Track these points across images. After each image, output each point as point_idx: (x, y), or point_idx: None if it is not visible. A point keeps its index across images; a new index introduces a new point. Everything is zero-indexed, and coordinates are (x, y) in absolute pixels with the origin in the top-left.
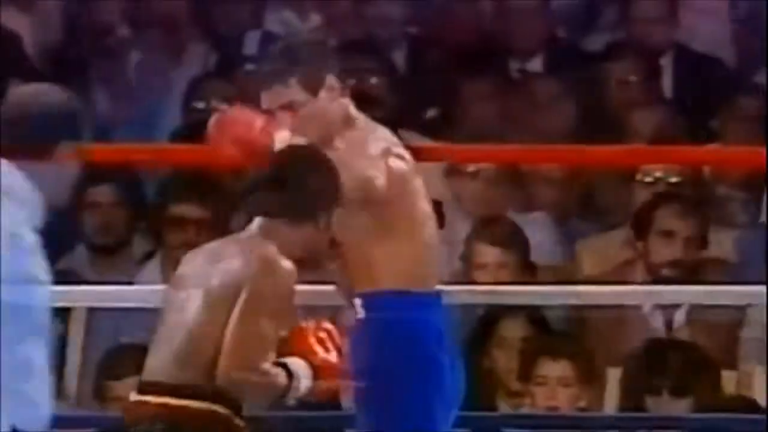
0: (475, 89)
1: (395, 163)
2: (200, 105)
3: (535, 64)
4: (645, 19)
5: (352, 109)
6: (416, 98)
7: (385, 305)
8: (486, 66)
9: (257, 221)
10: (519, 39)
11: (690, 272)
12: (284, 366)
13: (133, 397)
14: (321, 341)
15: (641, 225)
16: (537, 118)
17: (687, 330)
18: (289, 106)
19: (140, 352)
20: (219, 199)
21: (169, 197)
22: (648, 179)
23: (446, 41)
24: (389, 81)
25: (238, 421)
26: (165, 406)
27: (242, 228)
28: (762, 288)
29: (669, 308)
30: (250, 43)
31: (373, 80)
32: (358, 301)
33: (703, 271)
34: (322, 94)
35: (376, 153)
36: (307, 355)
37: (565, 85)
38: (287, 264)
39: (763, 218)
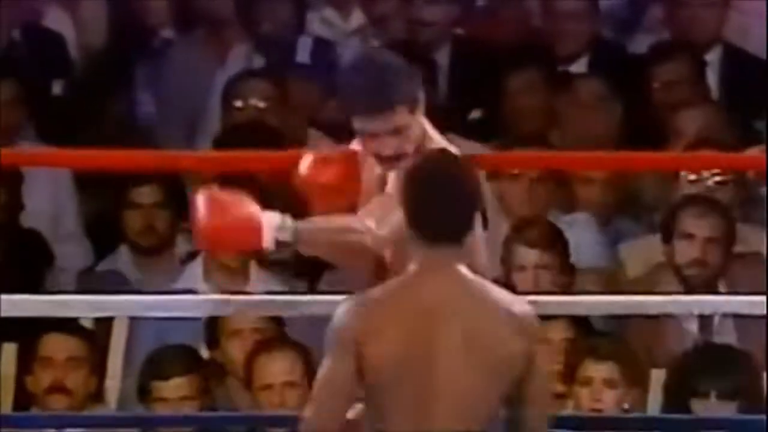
0: (520, 90)
1: None
2: (239, 104)
3: (580, 66)
4: (691, 18)
5: (427, 126)
6: (460, 100)
7: None
8: (531, 67)
9: (431, 253)
10: (564, 40)
11: (716, 273)
12: None
13: None
14: None
15: (666, 227)
16: (581, 119)
17: (725, 332)
18: (398, 130)
19: (186, 351)
20: (261, 199)
21: None
22: (691, 178)
23: (491, 42)
24: (433, 83)
25: None
26: None
27: None
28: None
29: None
30: (302, 49)
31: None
32: None
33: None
34: (418, 111)
35: None
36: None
37: (610, 87)
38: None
39: None
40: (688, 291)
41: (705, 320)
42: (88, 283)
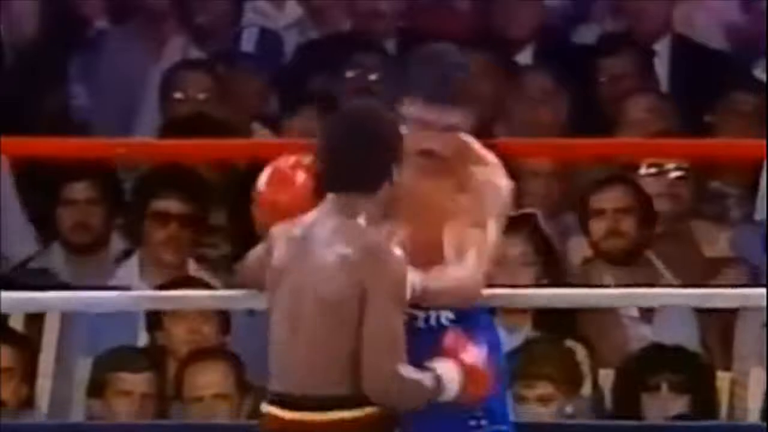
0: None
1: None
2: (179, 95)
3: (526, 56)
4: (639, 9)
5: None
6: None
7: (476, 315)
8: (477, 58)
9: (333, 199)
10: (509, 30)
11: (637, 245)
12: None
13: (282, 413)
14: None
15: (582, 212)
16: (527, 110)
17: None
18: (453, 127)
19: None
20: (200, 193)
21: (148, 193)
22: (651, 171)
23: (437, 34)
24: (384, 75)
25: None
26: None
27: None
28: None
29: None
30: (247, 40)
31: (372, 76)
32: (446, 315)
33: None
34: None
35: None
36: (457, 354)
37: (556, 78)
38: (396, 250)
39: (758, 215)
40: (613, 264)
41: (647, 316)
42: (18, 281)
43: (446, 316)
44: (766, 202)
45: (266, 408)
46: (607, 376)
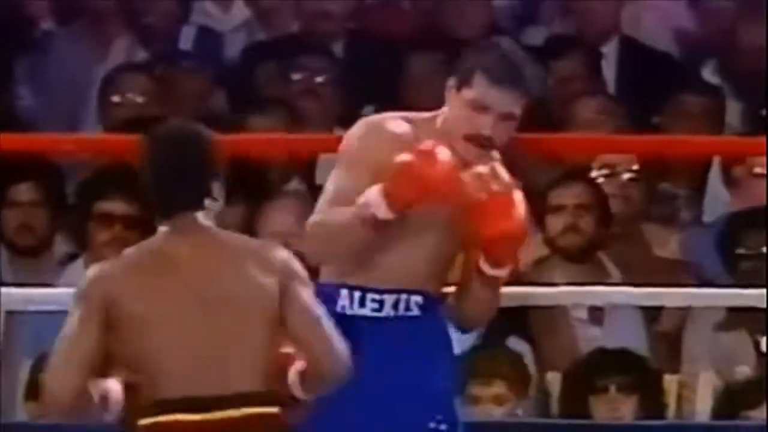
0: (414, 82)
1: None
2: (116, 99)
3: None
4: (587, 11)
5: None
6: (356, 95)
7: (438, 309)
8: (426, 58)
9: (171, 223)
10: (458, 30)
11: (593, 243)
12: None
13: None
14: None
15: (538, 208)
16: None
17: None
18: (512, 116)
19: None
20: (144, 193)
21: (92, 194)
22: (603, 172)
23: (386, 34)
24: (332, 79)
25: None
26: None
27: None
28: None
29: (598, 311)
30: (185, 39)
31: (320, 78)
32: (415, 299)
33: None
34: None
35: None
36: None
37: None
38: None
39: (706, 217)
40: (568, 260)
41: (596, 315)
42: None
43: (415, 300)
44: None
45: (168, 417)
46: (554, 378)
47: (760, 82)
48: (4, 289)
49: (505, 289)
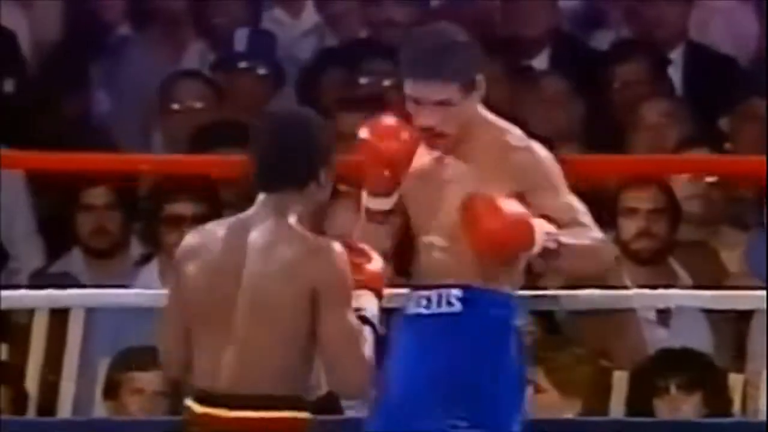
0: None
1: None
2: (175, 106)
3: (541, 62)
4: (654, 16)
5: (483, 112)
6: None
7: (487, 302)
8: (493, 63)
9: (263, 200)
10: (524, 35)
11: (665, 247)
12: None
13: (210, 410)
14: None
15: (609, 210)
16: (543, 116)
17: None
18: (444, 103)
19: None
20: (212, 194)
21: (161, 197)
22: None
23: None
24: (400, 82)
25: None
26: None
27: None
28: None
29: (665, 313)
30: (240, 41)
31: (387, 82)
32: (455, 293)
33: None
34: (473, 95)
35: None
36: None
37: (572, 83)
38: (338, 247)
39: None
40: (639, 264)
41: (664, 316)
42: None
43: (455, 294)
44: None
45: (192, 404)
46: (620, 378)
47: None
48: (81, 290)
49: (574, 292)
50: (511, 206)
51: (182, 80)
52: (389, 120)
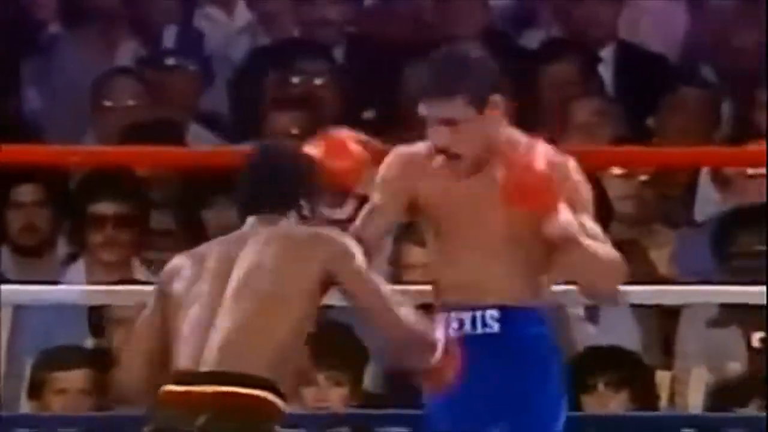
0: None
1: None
2: (108, 103)
3: None
4: (585, 15)
5: (509, 131)
6: (356, 98)
7: (523, 321)
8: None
9: (254, 220)
10: (457, 34)
11: None
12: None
13: (180, 388)
14: None
15: None
16: None
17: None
18: (451, 122)
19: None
20: (137, 193)
21: (86, 196)
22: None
23: (385, 39)
24: (332, 81)
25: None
26: (228, 394)
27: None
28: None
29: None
30: (168, 38)
31: (318, 81)
32: (491, 314)
33: None
34: (487, 113)
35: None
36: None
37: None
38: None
39: (698, 217)
40: None
41: (592, 313)
42: None
43: (491, 314)
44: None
45: (168, 387)
46: None
47: (753, 84)
48: (8, 286)
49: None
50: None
51: (115, 78)
52: (335, 136)
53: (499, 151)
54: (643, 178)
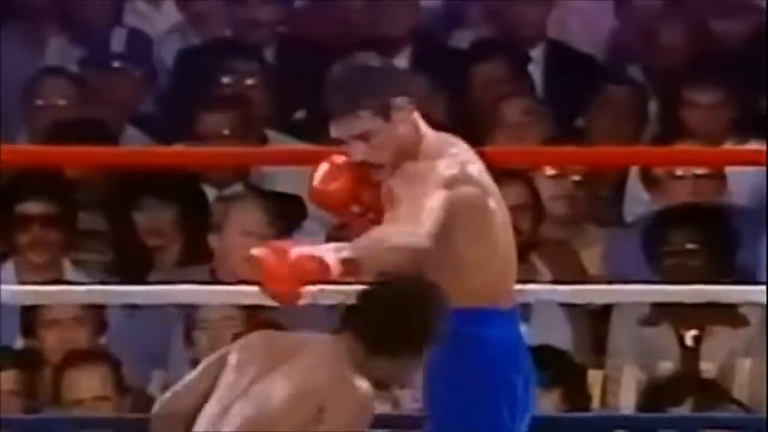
0: None
1: (463, 191)
2: (39, 102)
3: (401, 60)
4: (514, 15)
5: (424, 130)
6: (287, 99)
7: (464, 321)
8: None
9: (339, 334)
10: (387, 34)
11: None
12: None
13: None
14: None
15: None
16: None
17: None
18: (363, 136)
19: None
20: (64, 194)
21: (13, 196)
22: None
23: (315, 40)
24: (263, 82)
25: None
26: None
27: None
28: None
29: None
30: (117, 40)
31: (249, 81)
32: None
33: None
34: (395, 117)
35: (435, 189)
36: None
37: (432, 82)
38: (367, 387)
39: (628, 217)
40: None
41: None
42: None
43: None
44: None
45: None
46: None
47: (679, 83)
48: None
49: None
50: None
51: (47, 77)
52: (327, 163)
53: (419, 150)
54: (575, 178)
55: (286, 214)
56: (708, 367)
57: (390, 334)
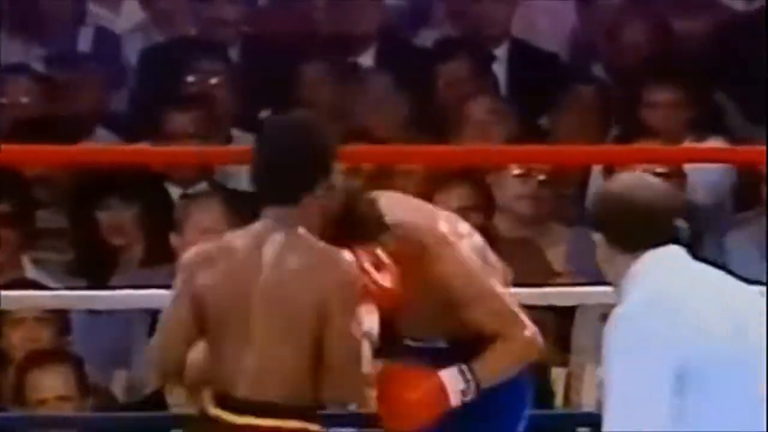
0: (311, 84)
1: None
2: (3, 100)
3: (367, 59)
4: (478, 14)
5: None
6: (252, 98)
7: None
8: (318, 61)
9: (268, 213)
10: (351, 32)
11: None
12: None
13: (226, 415)
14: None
15: None
16: (368, 112)
17: None
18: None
19: None
20: (22, 192)
21: None
22: (516, 172)
23: (279, 39)
24: (228, 81)
25: None
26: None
27: None
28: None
29: None
30: (83, 40)
31: (214, 80)
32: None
33: None
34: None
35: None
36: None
37: (397, 81)
38: (346, 256)
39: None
40: None
41: None
42: None
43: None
44: None
45: (215, 411)
46: None
47: (642, 81)
48: None
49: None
50: (420, 376)
51: (9, 75)
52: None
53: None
54: (541, 177)
55: (247, 212)
56: None
57: (285, 178)
